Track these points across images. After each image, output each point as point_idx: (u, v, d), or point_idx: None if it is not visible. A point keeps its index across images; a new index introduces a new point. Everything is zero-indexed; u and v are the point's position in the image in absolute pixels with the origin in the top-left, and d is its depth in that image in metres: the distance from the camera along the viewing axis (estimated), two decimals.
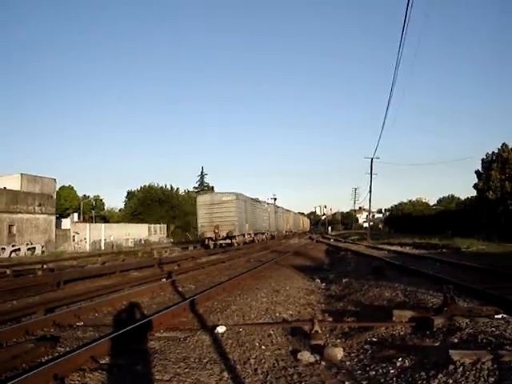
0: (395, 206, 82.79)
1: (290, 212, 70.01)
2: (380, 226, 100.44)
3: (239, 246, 33.32)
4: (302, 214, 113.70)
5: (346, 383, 4.39)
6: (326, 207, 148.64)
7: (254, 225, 40.71)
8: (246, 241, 37.50)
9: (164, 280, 13.57)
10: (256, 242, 39.41)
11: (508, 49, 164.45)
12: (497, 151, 42.22)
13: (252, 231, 39.53)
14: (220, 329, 6.43)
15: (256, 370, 4.88)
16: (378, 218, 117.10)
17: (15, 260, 26.84)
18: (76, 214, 58.80)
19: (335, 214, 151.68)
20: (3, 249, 32.22)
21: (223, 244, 33.54)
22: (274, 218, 51.64)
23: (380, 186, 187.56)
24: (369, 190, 48.73)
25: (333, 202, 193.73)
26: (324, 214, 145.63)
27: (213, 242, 33.42)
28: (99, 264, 20.52)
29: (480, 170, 44.05)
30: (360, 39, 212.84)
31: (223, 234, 33.27)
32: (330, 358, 5.17)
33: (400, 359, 4.74)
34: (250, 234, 38.89)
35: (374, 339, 5.91)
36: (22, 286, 12.05)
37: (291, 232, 65.54)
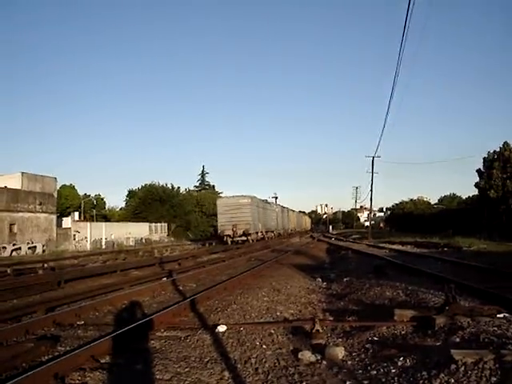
0: (396, 204, 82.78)
1: (294, 212, 73.95)
2: (381, 224, 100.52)
3: (252, 243, 37.16)
4: (303, 212, 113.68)
5: (348, 383, 4.37)
6: (327, 206, 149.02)
7: (265, 224, 45.55)
8: (258, 238, 41.87)
9: (165, 279, 13.56)
10: (266, 239, 43.42)
11: (510, 48, 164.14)
12: (498, 150, 42.14)
13: (263, 229, 44.20)
14: (221, 328, 6.41)
15: (257, 369, 4.86)
16: (379, 217, 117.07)
17: (16, 259, 26.86)
18: (77, 213, 58.77)
19: (336, 212, 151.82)
20: (4, 248, 32.22)
21: (239, 241, 37.91)
22: (281, 218, 56.09)
23: (381, 185, 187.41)
24: (370, 188, 48.78)
25: (334, 200, 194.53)
26: (325, 213, 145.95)
27: (231, 239, 37.77)
28: (100, 263, 20.54)
29: (481, 168, 43.97)
30: (361, 39, 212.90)
31: (240, 232, 37.90)
32: (331, 357, 5.15)
33: (401, 358, 4.72)
34: (262, 231, 43.49)
35: (376, 338, 5.89)
36: (23, 284, 12.04)
37: (295, 230, 68.73)
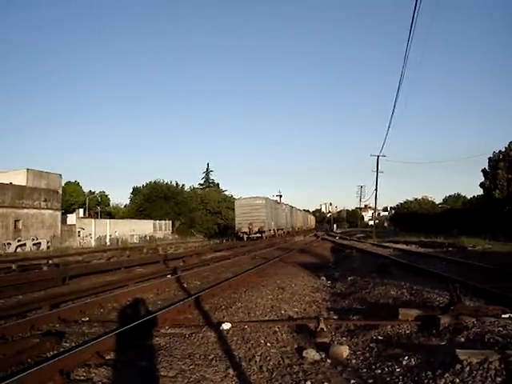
0: (401, 204, 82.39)
1: (300, 211, 78.22)
2: (386, 224, 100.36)
3: (264, 240, 40.62)
4: (308, 211, 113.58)
5: (352, 382, 4.37)
6: (331, 205, 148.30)
7: (277, 222, 50.09)
8: (271, 235, 46.12)
9: (169, 276, 13.58)
10: (277, 236, 47.60)
11: None
12: (504, 150, 41.92)
13: (275, 227, 48.67)
14: (225, 326, 6.41)
15: (261, 367, 4.86)
16: (383, 216, 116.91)
17: (21, 255, 27.00)
18: (81, 210, 58.88)
19: (341, 211, 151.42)
20: (9, 244, 32.36)
21: (255, 237, 42.22)
22: (290, 217, 60.38)
23: (386, 184, 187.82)
24: (375, 187, 48.58)
25: (338, 199, 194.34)
26: (329, 212, 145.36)
27: (247, 236, 42.41)
28: (104, 260, 20.60)
29: (487, 168, 43.73)
30: (367, 38, 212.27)
31: (255, 230, 42.62)
32: (336, 356, 5.15)
33: (406, 358, 4.71)
34: (274, 229, 47.90)
35: (380, 337, 5.88)
36: (28, 281, 12.09)
37: (301, 228, 71.84)
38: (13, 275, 13.68)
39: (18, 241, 33.40)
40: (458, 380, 3.82)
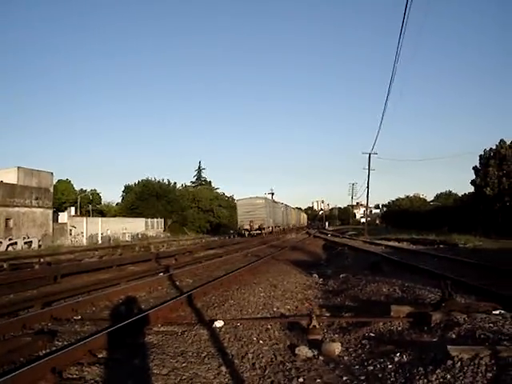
0: (392, 201, 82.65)
1: (294, 209, 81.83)
2: (377, 221, 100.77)
3: (262, 236, 44.23)
4: (300, 209, 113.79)
5: (344, 378, 4.39)
6: (323, 202, 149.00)
7: (275, 220, 53.98)
8: (269, 231, 49.70)
9: (161, 274, 13.56)
10: (273, 233, 50.93)
11: (507, 46, 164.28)
12: (495, 147, 42.18)
13: (273, 225, 52.56)
14: (218, 323, 6.42)
15: (254, 364, 4.87)
16: (375, 214, 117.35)
17: (12, 254, 26.79)
18: (73, 208, 58.38)
19: (332, 209, 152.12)
20: (0, 242, 32.13)
21: (255, 234, 45.97)
22: (285, 215, 64.24)
23: (377, 182, 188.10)
24: (366, 185, 48.84)
25: (330, 197, 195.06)
26: (321, 210, 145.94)
27: (248, 232, 46.10)
28: (96, 258, 20.49)
29: (478, 166, 43.95)
30: (358, 35, 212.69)
31: (256, 227, 46.57)
32: (328, 353, 5.17)
33: (398, 354, 4.75)
34: (272, 226, 51.58)
35: (372, 334, 5.91)
36: (19, 279, 12.01)
37: (295, 226, 74.67)
38: (4, 274, 13.59)
39: (9, 239, 33.11)
40: (449, 376, 3.86)
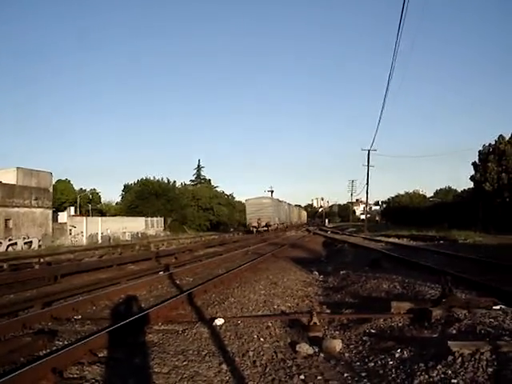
0: (392, 198, 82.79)
1: (295, 207, 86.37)
2: (377, 218, 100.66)
3: (264, 233, 47.20)
4: (300, 206, 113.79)
5: (345, 375, 4.39)
6: (323, 199, 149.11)
7: (280, 218, 58.55)
8: (275, 228, 53.66)
9: (161, 273, 13.55)
10: (278, 229, 54.68)
11: (506, 41, 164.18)
12: (494, 143, 42.20)
13: (278, 222, 56.96)
14: (218, 321, 6.41)
15: (255, 362, 4.87)
16: (375, 211, 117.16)
17: (12, 254, 26.77)
18: (73, 208, 58.34)
19: (332, 206, 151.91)
20: (0, 243, 32.10)
21: (262, 230, 49.35)
22: (288, 213, 68.57)
23: (377, 178, 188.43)
24: (366, 182, 48.81)
25: (330, 194, 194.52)
26: (321, 207, 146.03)
27: (256, 229, 49.73)
28: (96, 258, 20.47)
29: (477, 161, 43.97)
30: (357, 30, 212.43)
31: (263, 224, 50.58)
32: (329, 349, 5.17)
33: (399, 351, 4.75)
34: (277, 223, 55.83)
35: (373, 331, 5.91)
36: (19, 279, 12.01)
37: (296, 223, 78.04)
38: (4, 274, 13.57)
39: (9, 240, 33.05)
40: (450, 371, 3.86)
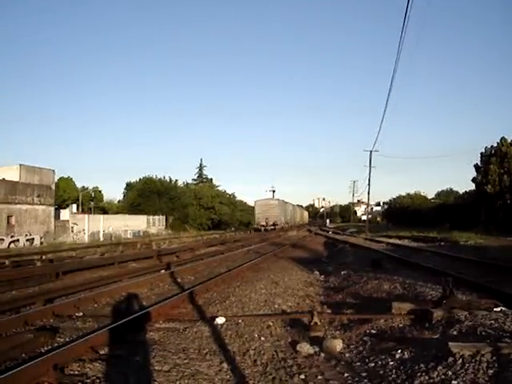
0: (394, 199, 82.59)
1: (298, 208, 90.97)
2: (378, 219, 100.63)
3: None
4: (301, 206, 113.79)
5: (345, 375, 4.40)
6: (324, 200, 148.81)
7: (285, 218, 62.58)
8: (281, 227, 56.73)
9: (163, 271, 13.58)
10: (284, 228, 57.61)
11: (509, 42, 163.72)
12: (496, 145, 42.15)
13: (284, 222, 60.70)
14: (219, 320, 6.43)
15: (255, 361, 4.88)
16: (376, 211, 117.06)
17: (14, 251, 26.80)
18: (75, 206, 58.40)
19: (333, 206, 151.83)
20: (2, 240, 32.12)
21: (270, 229, 53.07)
22: (292, 213, 73.02)
23: (379, 179, 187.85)
24: (367, 182, 48.71)
25: (331, 194, 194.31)
26: (322, 207, 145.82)
27: (264, 228, 53.66)
28: (98, 255, 20.51)
29: (479, 163, 43.95)
30: (360, 29, 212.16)
31: (271, 223, 54.92)
32: (329, 349, 5.18)
33: (399, 351, 4.75)
34: (283, 223, 59.42)
35: (373, 331, 5.92)
36: (21, 276, 12.03)
37: (298, 223, 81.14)
38: (6, 271, 13.61)
39: (11, 237, 33.15)
40: (450, 372, 3.86)
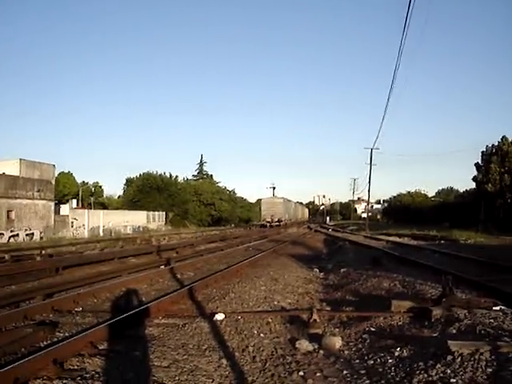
0: (394, 197, 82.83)
1: (299, 205, 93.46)
2: (378, 216, 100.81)
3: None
4: (301, 203, 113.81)
5: (344, 372, 4.40)
6: (324, 197, 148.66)
7: (289, 214, 66.36)
8: (285, 224, 59.58)
9: (162, 267, 13.58)
10: (287, 225, 60.25)
11: (510, 42, 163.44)
12: (497, 144, 42.15)
13: (287, 218, 64.10)
14: (219, 316, 6.43)
15: (254, 357, 4.89)
16: (376, 209, 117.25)
17: (14, 245, 26.81)
18: (75, 201, 58.44)
19: (334, 204, 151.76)
20: (2, 234, 32.13)
21: (274, 225, 55.97)
22: (294, 210, 76.23)
23: (379, 177, 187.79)
24: (368, 180, 48.72)
25: (331, 191, 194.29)
26: (322, 204, 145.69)
27: (269, 224, 56.87)
28: (98, 250, 20.51)
29: (480, 162, 43.98)
30: (361, 28, 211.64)
31: (275, 220, 58.53)
32: (329, 346, 5.19)
33: (398, 349, 4.76)
34: (286, 220, 62.74)
35: (373, 329, 5.92)
36: (21, 271, 12.02)
37: (300, 220, 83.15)
38: (6, 265, 13.60)
39: (11, 231, 33.18)
40: (449, 371, 3.86)
